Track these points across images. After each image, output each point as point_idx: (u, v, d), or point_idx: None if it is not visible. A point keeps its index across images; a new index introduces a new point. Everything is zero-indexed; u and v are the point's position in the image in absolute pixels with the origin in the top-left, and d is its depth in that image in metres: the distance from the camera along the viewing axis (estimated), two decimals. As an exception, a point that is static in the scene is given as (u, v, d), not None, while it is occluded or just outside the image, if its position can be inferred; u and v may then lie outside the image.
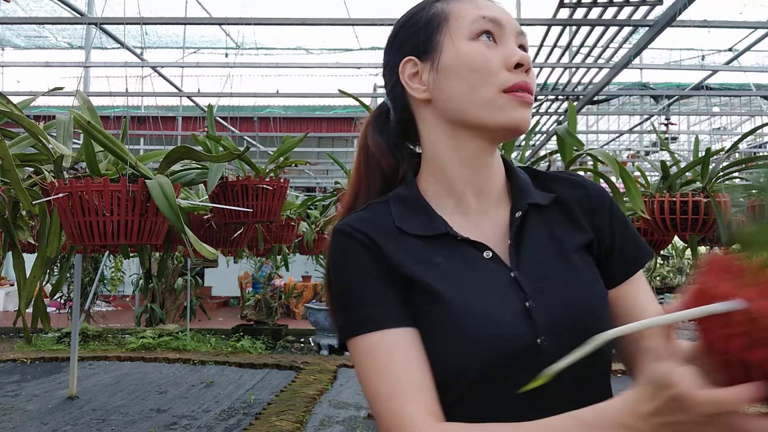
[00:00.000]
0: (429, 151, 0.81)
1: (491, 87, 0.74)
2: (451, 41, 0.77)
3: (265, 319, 8.59)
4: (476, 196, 0.80)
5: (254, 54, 6.31)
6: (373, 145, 0.86)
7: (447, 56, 0.77)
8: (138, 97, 5.63)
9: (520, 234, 0.77)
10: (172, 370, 6.46)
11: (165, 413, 4.81)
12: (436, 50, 0.78)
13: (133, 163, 1.68)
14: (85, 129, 1.61)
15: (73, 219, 1.60)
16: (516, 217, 0.78)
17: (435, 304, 0.71)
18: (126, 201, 1.61)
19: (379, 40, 6.26)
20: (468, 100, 0.75)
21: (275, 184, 2.40)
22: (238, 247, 3.01)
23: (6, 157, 1.45)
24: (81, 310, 6.86)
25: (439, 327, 0.70)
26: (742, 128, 9.44)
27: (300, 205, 3.72)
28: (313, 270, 9.07)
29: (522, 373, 0.64)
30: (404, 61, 0.80)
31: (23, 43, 5.89)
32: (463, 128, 0.77)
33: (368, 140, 0.87)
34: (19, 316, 1.85)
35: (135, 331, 8.21)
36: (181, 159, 1.82)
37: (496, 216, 0.80)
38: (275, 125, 6.94)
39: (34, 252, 1.99)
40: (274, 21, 3.91)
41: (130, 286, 9.64)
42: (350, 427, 4.49)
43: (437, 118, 0.79)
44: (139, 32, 4.96)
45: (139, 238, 1.66)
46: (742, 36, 5.08)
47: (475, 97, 0.75)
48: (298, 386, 5.65)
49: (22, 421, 4.50)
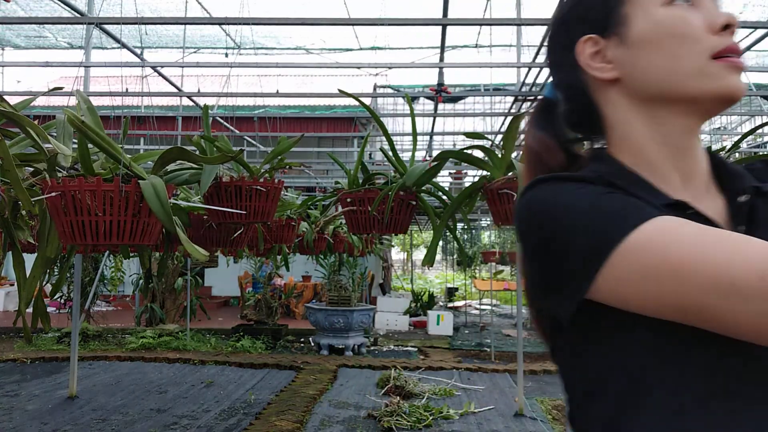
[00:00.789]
0: (620, 132, 0.73)
1: (699, 54, 0.66)
2: (642, 10, 0.70)
3: (265, 319, 8.59)
4: (684, 179, 0.71)
5: (254, 54, 6.31)
6: (537, 144, 0.78)
7: (640, 26, 0.69)
8: (138, 97, 5.63)
9: (752, 219, 0.68)
10: (172, 370, 6.46)
11: (165, 413, 4.81)
12: (624, 23, 0.71)
13: (126, 163, 1.68)
14: (79, 129, 1.60)
15: (65, 218, 1.60)
16: (742, 201, 0.69)
17: None
18: (119, 201, 1.60)
19: (379, 40, 6.26)
20: (672, 71, 0.67)
21: (269, 185, 2.39)
22: (238, 247, 3.01)
23: (6, 156, 1.45)
24: (81, 310, 6.86)
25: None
26: (742, 128, 9.45)
27: (300, 205, 3.72)
28: (313, 270, 9.07)
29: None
30: (582, 40, 0.74)
31: (23, 43, 5.89)
32: (665, 105, 0.70)
33: (531, 140, 0.79)
34: (19, 316, 1.85)
35: (135, 331, 8.21)
36: (175, 160, 1.81)
37: (710, 201, 0.70)
38: (275, 125, 6.94)
39: (34, 252, 1.99)
40: (274, 21, 3.91)
41: (130, 286, 9.64)
42: (350, 427, 4.48)
43: (629, 97, 0.72)
44: (139, 32, 4.97)
45: (132, 239, 1.65)
46: (742, 36, 5.08)
47: (680, 68, 0.67)
48: (298, 386, 5.65)
49: (22, 421, 4.49)
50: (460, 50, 6.86)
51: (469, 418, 4.76)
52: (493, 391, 5.64)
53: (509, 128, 2.32)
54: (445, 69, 4.97)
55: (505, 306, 13.64)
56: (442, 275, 19.41)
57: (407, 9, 5.35)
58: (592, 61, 0.73)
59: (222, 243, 2.86)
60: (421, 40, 6.51)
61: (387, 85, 10.10)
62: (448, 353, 7.78)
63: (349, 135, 10.12)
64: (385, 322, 9.74)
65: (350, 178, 2.69)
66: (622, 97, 0.72)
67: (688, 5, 0.69)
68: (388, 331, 9.55)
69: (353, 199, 2.57)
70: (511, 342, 8.36)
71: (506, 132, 2.31)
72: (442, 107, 7.98)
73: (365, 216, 2.51)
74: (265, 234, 3.34)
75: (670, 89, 0.68)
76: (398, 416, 4.58)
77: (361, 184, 2.64)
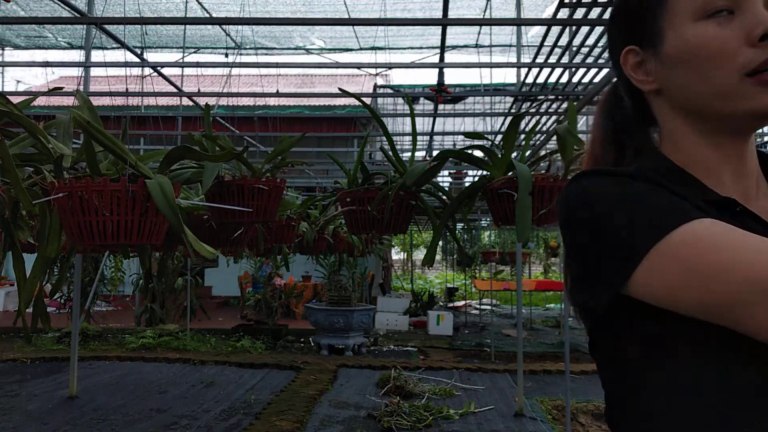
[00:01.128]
0: (669, 133, 0.73)
1: (729, 73, 0.63)
2: (672, 26, 0.67)
3: (265, 319, 8.59)
4: (734, 178, 0.70)
5: (254, 54, 6.31)
6: (597, 134, 0.79)
7: (670, 44, 0.68)
8: (138, 97, 5.64)
9: None
10: (172, 370, 6.46)
11: (165, 413, 4.81)
12: (659, 38, 0.69)
13: (133, 162, 1.68)
14: (85, 129, 1.61)
15: (73, 219, 1.60)
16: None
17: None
18: (126, 201, 1.60)
19: (379, 40, 6.26)
20: (704, 93, 0.66)
21: (271, 184, 2.38)
22: (238, 247, 3.01)
23: (6, 157, 1.45)
24: (81, 310, 6.86)
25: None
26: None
27: (300, 205, 3.72)
28: (313, 270, 9.07)
29: None
30: (625, 51, 0.73)
31: (23, 43, 5.89)
32: (706, 120, 0.69)
33: (594, 129, 0.80)
34: (19, 316, 1.85)
35: (135, 331, 8.21)
36: (181, 158, 1.82)
37: (762, 200, 0.70)
38: (275, 125, 6.94)
39: (34, 252, 1.99)
40: (274, 21, 3.91)
41: (130, 286, 9.64)
42: (350, 427, 4.48)
43: (673, 109, 0.72)
44: (139, 32, 4.97)
45: (139, 238, 1.65)
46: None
47: (712, 88, 0.65)
48: (298, 386, 5.65)
49: (22, 421, 4.49)
50: (460, 50, 6.86)
51: (469, 418, 4.76)
52: (493, 391, 5.64)
53: (509, 128, 2.32)
54: (445, 69, 4.97)
55: (505, 306, 13.63)
56: (442, 275, 19.41)
57: (407, 9, 5.35)
58: (635, 73, 0.73)
59: (222, 243, 2.85)
60: (421, 40, 6.51)
61: (387, 86, 10.10)
62: (448, 353, 7.78)
63: (349, 135, 10.12)
64: (385, 322, 9.74)
65: (350, 177, 2.69)
66: (669, 108, 0.72)
67: (727, 16, 0.65)
68: (388, 331, 9.54)
69: (353, 199, 2.57)
70: (511, 342, 8.36)
71: (506, 132, 2.31)
72: (442, 107, 7.98)
73: (365, 216, 2.51)
74: (265, 234, 3.34)
75: (704, 109, 0.68)
76: (398, 416, 4.58)
77: (360, 184, 2.64)
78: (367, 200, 2.50)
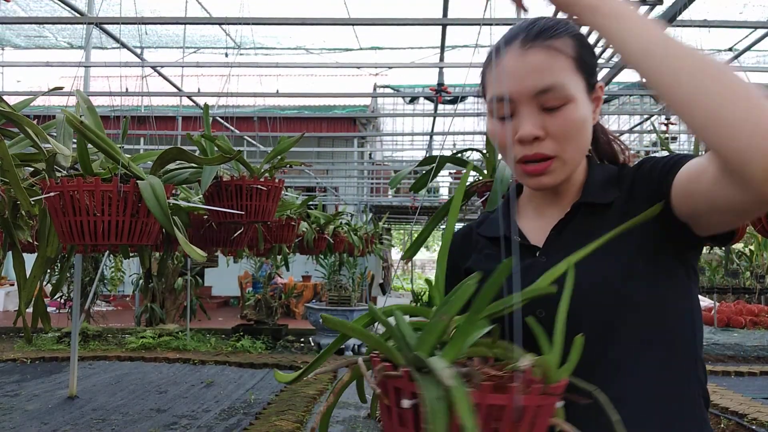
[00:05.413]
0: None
1: (509, 160, 0.86)
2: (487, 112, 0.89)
3: (265, 319, 8.59)
4: (548, 203, 0.92)
5: (254, 54, 6.30)
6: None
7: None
8: (138, 96, 5.63)
9: (551, 243, 0.88)
10: (172, 369, 6.46)
11: (165, 413, 4.81)
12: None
13: (125, 163, 1.67)
14: (78, 129, 1.60)
15: (63, 218, 1.60)
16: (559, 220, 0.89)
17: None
18: (117, 201, 1.60)
19: (379, 40, 6.25)
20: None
21: (270, 184, 2.38)
22: (238, 247, 3.00)
23: (5, 157, 1.45)
24: (81, 310, 6.86)
25: None
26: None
27: (300, 205, 3.72)
28: (313, 270, 9.07)
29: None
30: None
31: (23, 43, 5.89)
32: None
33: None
34: (19, 316, 1.85)
35: (135, 331, 8.21)
36: (174, 160, 1.81)
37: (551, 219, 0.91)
38: (275, 125, 6.94)
39: (34, 252, 1.99)
40: (273, 21, 3.91)
41: (130, 286, 9.63)
42: (350, 427, 4.49)
43: None
44: (139, 32, 4.97)
45: (130, 239, 1.65)
46: (742, 36, 5.08)
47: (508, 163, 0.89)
48: (298, 386, 5.65)
49: (22, 421, 4.50)
50: (460, 50, 6.85)
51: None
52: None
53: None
54: (445, 69, 4.97)
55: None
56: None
57: (407, 9, 5.34)
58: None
59: (222, 243, 2.85)
60: (421, 40, 6.50)
61: (387, 85, 10.08)
62: (448, 353, 7.77)
63: (349, 135, 10.12)
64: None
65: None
66: None
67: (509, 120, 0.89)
68: (388, 331, 9.54)
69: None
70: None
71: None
72: (442, 107, 7.97)
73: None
74: (265, 234, 3.34)
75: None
76: (398, 416, 4.58)
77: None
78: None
